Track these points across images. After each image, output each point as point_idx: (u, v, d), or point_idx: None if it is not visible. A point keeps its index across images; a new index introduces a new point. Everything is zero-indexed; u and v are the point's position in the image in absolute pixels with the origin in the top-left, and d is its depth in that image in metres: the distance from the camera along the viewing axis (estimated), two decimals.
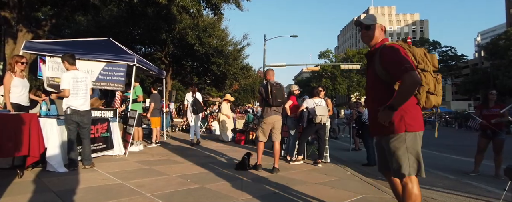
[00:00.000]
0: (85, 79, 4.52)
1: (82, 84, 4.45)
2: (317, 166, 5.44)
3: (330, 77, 60.24)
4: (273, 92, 4.59)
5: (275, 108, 4.76)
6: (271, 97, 4.59)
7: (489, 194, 4.27)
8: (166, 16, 15.28)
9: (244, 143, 8.70)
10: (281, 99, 4.67)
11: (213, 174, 4.50)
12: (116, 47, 7.01)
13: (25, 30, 9.22)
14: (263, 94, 4.74)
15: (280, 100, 4.67)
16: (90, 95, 4.69)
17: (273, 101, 4.61)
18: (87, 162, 4.50)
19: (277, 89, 4.65)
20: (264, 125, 4.79)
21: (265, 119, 4.77)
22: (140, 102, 6.98)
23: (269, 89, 4.61)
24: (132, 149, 6.33)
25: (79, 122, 4.42)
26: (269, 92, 4.59)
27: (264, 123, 4.79)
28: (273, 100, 4.61)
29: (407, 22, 74.04)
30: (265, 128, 4.80)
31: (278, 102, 4.67)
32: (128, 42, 17.05)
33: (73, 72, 4.44)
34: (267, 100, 4.65)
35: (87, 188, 3.47)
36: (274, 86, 4.65)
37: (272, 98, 4.60)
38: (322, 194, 3.65)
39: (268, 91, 4.60)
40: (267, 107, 4.74)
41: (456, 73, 56.55)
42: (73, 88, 4.35)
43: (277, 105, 4.71)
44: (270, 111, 4.75)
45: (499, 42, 35.99)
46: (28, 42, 6.28)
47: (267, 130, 4.82)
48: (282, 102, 4.75)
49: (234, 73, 23.11)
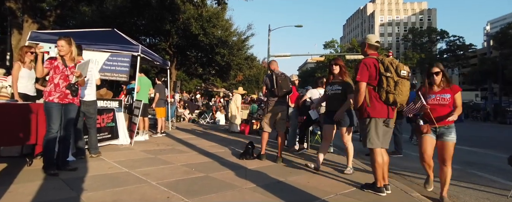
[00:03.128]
0: (90, 70, 4.54)
1: (87, 74, 4.47)
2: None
3: None
4: (278, 82, 4.60)
5: (280, 98, 4.75)
6: (276, 87, 4.60)
7: (494, 184, 4.27)
8: (170, 6, 15.21)
9: (248, 133, 8.76)
10: (286, 90, 4.68)
11: (218, 163, 4.55)
12: (121, 37, 7.02)
13: (30, 21, 9.26)
14: (268, 85, 4.74)
15: (286, 90, 4.67)
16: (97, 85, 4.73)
17: (278, 90, 4.61)
18: (94, 151, 4.58)
19: (282, 79, 4.65)
20: (269, 115, 4.80)
21: (270, 109, 4.78)
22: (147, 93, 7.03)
23: (274, 79, 4.61)
24: (137, 138, 6.41)
25: (85, 111, 4.47)
26: (274, 83, 4.60)
27: (269, 113, 4.80)
28: (279, 90, 4.61)
29: (414, 11, 72.54)
30: (270, 118, 4.82)
31: (284, 92, 4.67)
32: (132, 33, 17.04)
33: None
34: (272, 90, 4.66)
35: (94, 176, 3.55)
36: (279, 76, 4.65)
37: (278, 89, 4.60)
38: (325, 183, 3.68)
39: (274, 82, 4.61)
40: (272, 97, 4.74)
41: (464, 63, 55.67)
42: None
43: (282, 95, 4.71)
44: (275, 101, 4.75)
45: (509, 31, 35.14)
46: (33, 33, 6.31)
47: (272, 120, 4.84)
48: (287, 92, 4.76)
49: (238, 64, 23.04)
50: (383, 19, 73.27)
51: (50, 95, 3.54)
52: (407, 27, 68.66)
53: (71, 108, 3.69)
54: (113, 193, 2.95)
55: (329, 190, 3.37)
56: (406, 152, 6.61)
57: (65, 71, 3.61)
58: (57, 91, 3.56)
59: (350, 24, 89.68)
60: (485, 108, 27.82)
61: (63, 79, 3.61)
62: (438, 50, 60.50)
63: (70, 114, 3.70)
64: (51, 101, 3.52)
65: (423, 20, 70.96)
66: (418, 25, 67.69)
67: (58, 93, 3.57)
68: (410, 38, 60.03)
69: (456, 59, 56.15)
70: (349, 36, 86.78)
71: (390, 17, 73.19)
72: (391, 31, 73.06)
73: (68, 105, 3.65)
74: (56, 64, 3.61)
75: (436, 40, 59.02)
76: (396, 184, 3.74)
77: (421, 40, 59.14)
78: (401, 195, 3.31)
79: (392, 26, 73.05)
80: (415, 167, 5.34)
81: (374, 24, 73.10)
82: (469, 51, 55.80)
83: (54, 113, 3.50)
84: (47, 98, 3.54)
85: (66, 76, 3.61)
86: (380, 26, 72.86)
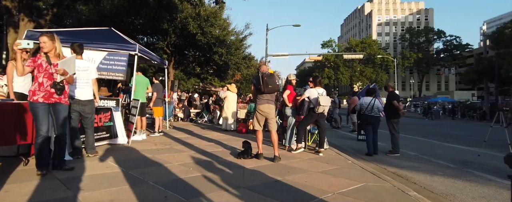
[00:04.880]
0: (87, 69, 4.50)
1: (83, 73, 4.43)
2: (319, 155, 5.48)
3: (333, 67, 59.87)
4: (264, 79, 4.73)
5: (267, 96, 4.86)
6: (262, 84, 4.73)
7: (490, 183, 4.30)
8: (168, 5, 15.16)
9: (245, 132, 8.76)
10: (272, 86, 4.78)
11: (215, 163, 4.55)
12: (118, 36, 6.98)
13: (26, 20, 9.19)
14: (255, 84, 4.89)
15: (271, 86, 4.78)
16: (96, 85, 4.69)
17: (264, 87, 4.73)
18: (91, 151, 4.55)
19: (267, 76, 4.79)
20: (258, 114, 4.90)
21: (258, 107, 4.88)
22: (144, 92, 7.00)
23: (260, 77, 4.76)
24: (135, 138, 6.39)
25: (80, 111, 4.41)
26: (260, 80, 4.74)
27: (257, 112, 4.91)
28: (265, 86, 4.73)
29: (411, 10, 72.76)
30: (259, 117, 4.91)
31: (270, 88, 4.78)
32: (130, 32, 16.96)
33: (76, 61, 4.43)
34: (259, 87, 4.80)
35: (91, 176, 3.53)
36: (265, 74, 4.80)
37: (264, 85, 4.73)
38: (323, 182, 3.69)
39: (259, 79, 4.75)
40: (260, 95, 4.85)
41: (460, 63, 55.94)
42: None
43: (269, 91, 4.81)
44: (263, 99, 4.85)
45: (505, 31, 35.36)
46: (29, 32, 6.25)
47: (261, 119, 4.92)
48: (273, 89, 4.85)
49: (236, 63, 22.99)
50: (381, 19, 73.48)
51: (34, 95, 3.38)
52: (404, 26, 68.91)
53: (59, 108, 3.55)
54: (110, 193, 2.94)
55: (327, 189, 3.37)
56: (403, 151, 6.64)
57: (49, 69, 3.43)
58: (42, 91, 3.40)
59: (348, 23, 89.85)
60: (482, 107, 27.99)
61: (48, 77, 3.44)
62: (435, 49, 60.82)
63: (60, 114, 3.57)
64: (36, 101, 3.37)
65: (420, 20, 71.24)
66: (415, 25, 67.91)
67: (43, 92, 3.41)
68: (407, 37, 60.28)
69: (452, 59, 56.47)
70: (346, 35, 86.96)
71: (388, 17, 73.40)
72: (388, 31, 73.28)
73: (56, 104, 3.52)
74: (39, 62, 3.43)
75: (433, 40, 59.32)
76: (393, 183, 3.75)
77: (418, 40, 59.42)
78: (398, 194, 3.33)
79: (389, 25, 73.27)
80: (413, 166, 5.38)
81: (371, 24, 73.30)
82: (466, 51, 56.13)
83: (40, 114, 3.37)
84: (31, 98, 3.39)
85: (51, 75, 3.45)
86: (377, 26, 73.06)
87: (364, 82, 55.22)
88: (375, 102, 6.42)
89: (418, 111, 35.43)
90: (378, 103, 6.44)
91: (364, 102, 6.52)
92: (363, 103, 6.53)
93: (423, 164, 5.58)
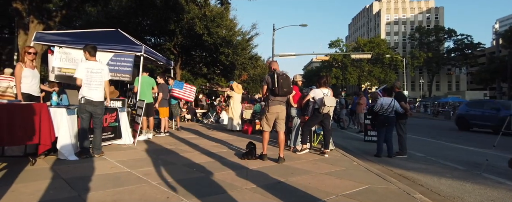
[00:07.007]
0: (100, 71, 4.57)
1: (96, 75, 4.50)
2: (324, 156, 5.43)
3: (340, 67, 59.37)
4: (280, 81, 4.59)
5: (280, 97, 4.74)
6: (277, 86, 4.59)
7: (500, 186, 4.19)
8: (174, 6, 15.28)
9: (251, 133, 8.74)
10: (287, 89, 4.66)
11: (219, 163, 4.54)
12: (124, 37, 7.05)
13: (36, 22, 9.38)
14: (269, 84, 4.72)
15: (286, 90, 4.65)
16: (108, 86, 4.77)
17: (279, 90, 4.60)
18: (97, 151, 4.61)
19: (283, 79, 4.64)
20: (269, 115, 4.79)
21: (270, 109, 4.77)
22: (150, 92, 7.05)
23: (276, 78, 4.60)
24: (140, 138, 6.44)
25: (92, 111, 4.51)
26: (275, 82, 4.59)
27: (268, 113, 4.79)
28: (280, 89, 4.60)
29: (421, 9, 71.59)
30: (269, 118, 4.80)
31: (284, 91, 4.65)
32: (137, 33, 17.17)
33: (90, 63, 4.50)
34: (273, 89, 4.65)
35: (96, 176, 3.57)
36: (280, 76, 4.64)
37: (279, 88, 4.59)
38: (327, 183, 3.65)
39: (275, 81, 4.60)
40: (272, 96, 4.73)
41: (472, 62, 54.85)
42: (87, 79, 4.41)
43: (283, 94, 4.69)
44: (275, 100, 4.74)
45: None
46: (38, 33, 6.38)
47: (271, 119, 4.82)
48: (288, 92, 4.74)
49: (242, 64, 23.05)
50: (389, 18, 72.53)
51: None
52: (413, 25, 67.84)
53: None
54: (113, 193, 2.96)
55: (331, 191, 3.33)
56: (411, 153, 6.53)
57: None
58: None
59: (356, 23, 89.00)
60: None
61: None
62: (445, 49, 59.75)
63: None
64: None
65: (430, 19, 70.06)
66: (425, 24, 66.84)
67: None
68: (417, 37, 59.35)
69: (464, 58, 55.34)
70: (354, 35, 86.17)
71: (397, 16, 72.40)
72: (397, 30, 72.29)
73: None
74: None
75: (444, 39, 58.29)
76: (399, 185, 3.69)
77: (428, 39, 58.46)
78: (403, 196, 3.27)
79: (398, 25, 72.27)
80: (420, 167, 5.28)
81: (380, 23, 72.44)
82: (478, 50, 54.94)
83: None
84: None
85: None
86: (386, 25, 72.14)
87: (372, 82, 54.61)
88: (395, 103, 6.28)
89: (428, 111, 34.86)
90: (398, 104, 6.30)
91: (384, 102, 6.32)
92: (384, 103, 6.32)
93: (430, 166, 5.48)
